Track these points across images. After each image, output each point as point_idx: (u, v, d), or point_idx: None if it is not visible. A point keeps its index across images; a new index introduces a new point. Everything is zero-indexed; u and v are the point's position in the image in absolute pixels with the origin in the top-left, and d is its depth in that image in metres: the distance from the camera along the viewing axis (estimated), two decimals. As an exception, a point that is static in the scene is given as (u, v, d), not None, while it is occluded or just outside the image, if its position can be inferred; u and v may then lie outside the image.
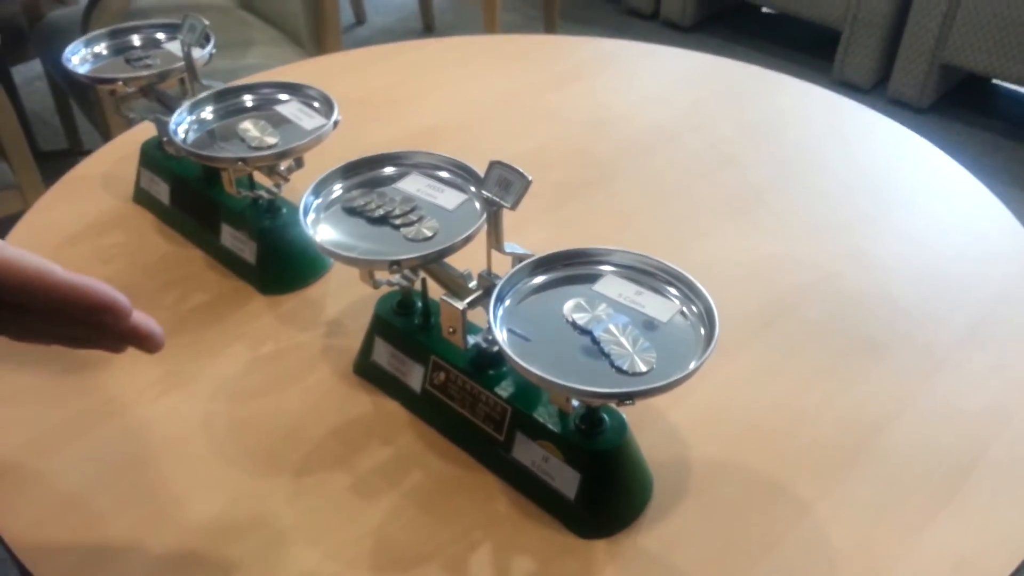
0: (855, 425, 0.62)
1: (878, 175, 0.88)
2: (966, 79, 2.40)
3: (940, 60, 2.22)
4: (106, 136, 1.60)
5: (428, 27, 2.79)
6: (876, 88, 2.41)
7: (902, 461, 0.59)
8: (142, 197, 0.83)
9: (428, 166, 0.64)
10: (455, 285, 0.57)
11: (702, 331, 0.51)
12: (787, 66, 2.55)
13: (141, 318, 0.48)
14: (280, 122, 0.71)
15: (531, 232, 0.79)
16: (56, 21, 1.75)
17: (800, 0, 2.43)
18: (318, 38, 1.64)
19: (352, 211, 0.60)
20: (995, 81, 2.42)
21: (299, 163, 0.70)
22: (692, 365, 0.47)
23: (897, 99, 2.34)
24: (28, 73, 2.33)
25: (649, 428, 0.61)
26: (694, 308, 0.52)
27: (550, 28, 2.47)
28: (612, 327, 0.51)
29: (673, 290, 0.54)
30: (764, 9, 2.77)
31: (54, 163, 1.57)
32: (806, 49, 2.63)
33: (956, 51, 2.18)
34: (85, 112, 1.82)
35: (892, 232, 0.81)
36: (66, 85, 1.84)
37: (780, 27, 2.75)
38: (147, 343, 0.49)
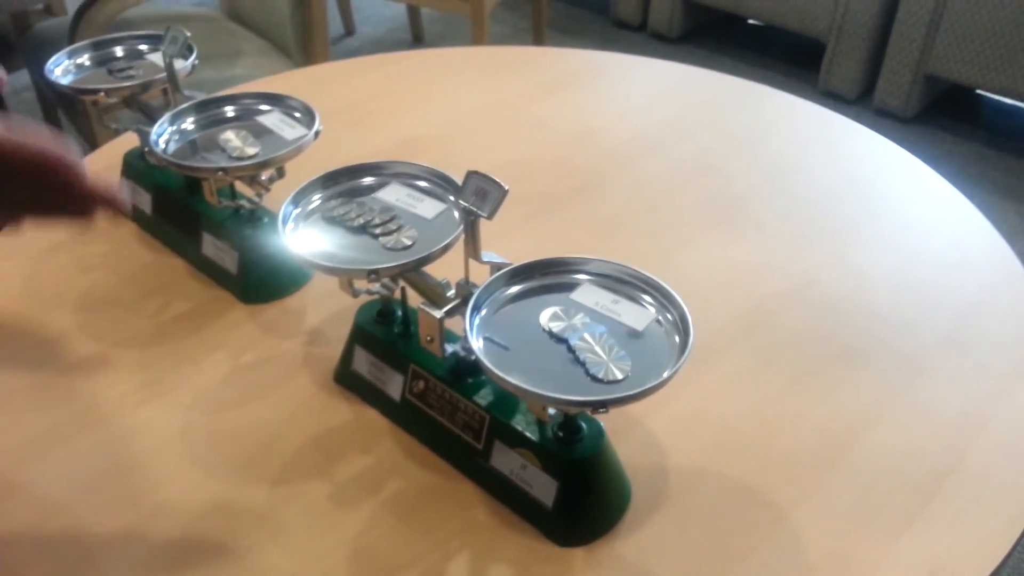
0: (832, 432, 0.62)
1: (858, 184, 0.89)
2: (951, 89, 2.42)
3: (925, 71, 2.24)
4: (93, 146, 1.59)
5: (417, 38, 2.80)
6: (861, 99, 2.43)
7: (879, 467, 0.60)
8: (125, 207, 0.83)
9: (408, 176, 0.64)
10: (433, 294, 0.57)
11: (677, 339, 0.51)
12: (773, 77, 2.57)
13: (100, 181, 0.47)
14: (261, 132, 0.71)
15: (513, 241, 0.79)
16: (44, 32, 1.75)
17: (786, 12, 2.45)
18: (306, 49, 1.65)
19: (332, 220, 0.61)
20: (979, 91, 2.45)
21: (280, 173, 0.71)
22: (666, 374, 0.48)
23: (882, 109, 2.36)
24: (16, 83, 2.33)
25: (627, 436, 0.61)
26: (669, 316, 0.53)
27: (538, 39, 2.48)
28: (587, 336, 0.51)
29: (649, 299, 0.54)
30: (750, 21, 2.80)
31: (41, 173, 1.55)
32: (792, 60, 2.65)
33: (940, 62, 2.20)
34: (72, 123, 1.81)
35: (871, 241, 0.82)
36: (53, 96, 1.84)
37: (766, 38, 2.77)
38: (112, 205, 0.48)
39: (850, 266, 0.78)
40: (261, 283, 0.73)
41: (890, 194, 0.88)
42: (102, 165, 0.90)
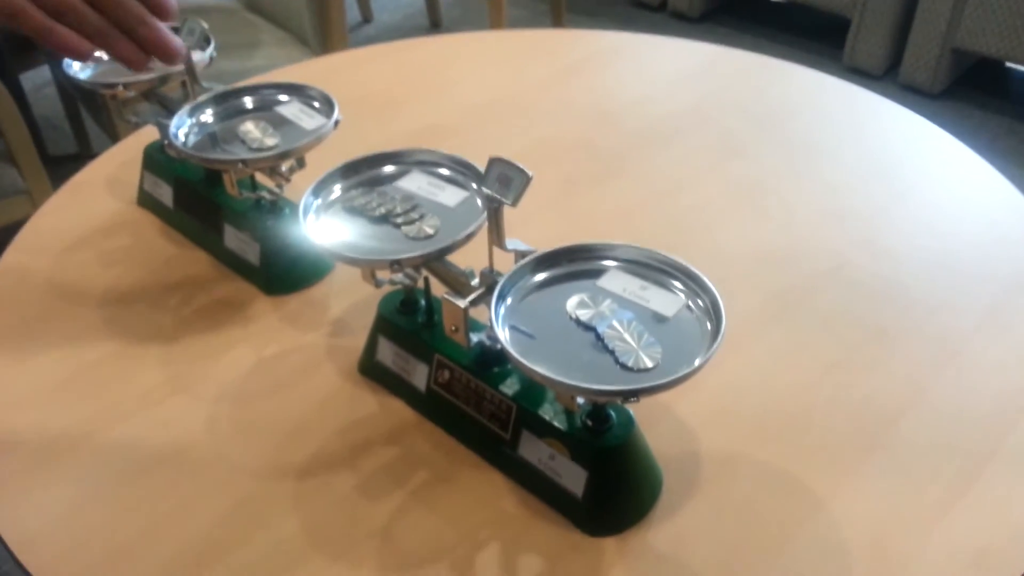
0: (868, 417, 0.61)
1: (888, 162, 0.87)
2: (979, 63, 2.37)
3: (951, 44, 2.20)
4: (114, 139, 1.60)
5: (435, 24, 2.78)
6: (888, 74, 2.39)
7: (917, 453, 0.58)
8: (146, 200, 0.83)
9: (429, 163, 0.63)
10: (457, 283, 0.56)
11: (708, 325, 0.50)
12: (797, 54, 2.53)
13: (166, 30, 0.57)
14: (281, 123, 0.70)
15: (536, 226, 0.78)
16: (63, 27, 1.76)
17: (809, -13, 2.41)
18: (324, 38, 1.64)
19: (353, 210, 0.60)
20: (1008, 64, 2.39)
21: (301, 163, 0.70)
22: (697, 361, 0.46)
23: (909, 85, 2.31)
24: (38, 79, 2.35)
25: (657, 423, 0.60)
26: (700, 302, 0.52)
27: (557, 22, 2.46)
28: (616, 323, 0.50)
29: (678, 284, 0.53)
30: (772, -3, 2.75)
31: (64, 167, 1.57)
32: (816, 36, 2.60)
33: (968, 35, 2.16)
34: (93, 116, 1.82)
35: (903, 220, 0.80)
36: (74, 91, 1.85)
37: (789, 15, 2.73)
38: (168, 53, 0.58)
39: (882, 246, 0.76)
40: (283, 274, 0.73)
41: (921, 171, 0.86)
42: (121, 159, 0.90)
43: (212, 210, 0.75)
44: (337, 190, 0.62)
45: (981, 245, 0.76)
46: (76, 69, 0.78)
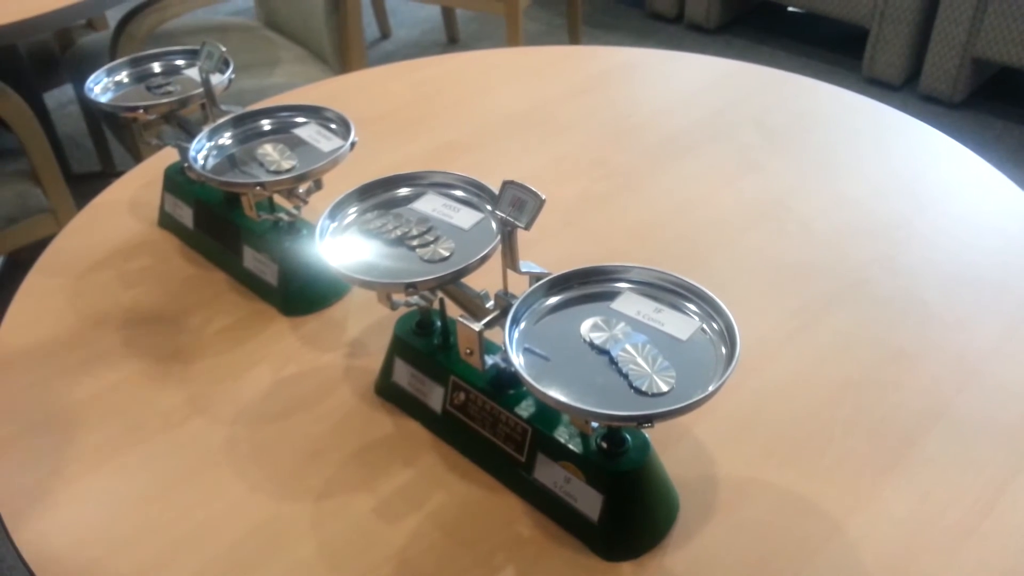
0: (886, 438, 0.60)
1: (906, 177, 0.86)
2: (999, 72, 2.35)
3: (972, 54, 2.18)
4: (137, 158, 1.62)
5: (452, 39, 2.80)
6: (908, 84, 2.37)
7: (936, 474, 0.58)
8: (167, 221, 0.84)
9: (443, 185, 0.63)
10: (472, 305, 0.57)
11: (723, 349, 0.50)
12: (816, 65, 2.52)
13: None
14: (298, 145, 0.71)
15: (551, 245, 0.78)
16: (86, 47, 1.79)
17: (826, -2, 2.40)
18: (342, 54, 1.66)
19: (369, 233, 0.60)
20: (1031, 73, 2.37)
21: (318, 185, 0.71)
22: (711, 387, 0.46)
23: (929, 95, 2.30)
24: (62, 97, 2.38)
25: (674, 445, 0.60)
26: (715, 325, 0.51)
27: (574, 35, 2.46)
28: (630, 347, 0.50)
29: (693, 306, 0.53)
30: (790, 8, 2.74)
31: (88, 185, 1.59)
32: (835, 47, 2.59)
33: (988, 44, 2.14)
34: (116, 135, 1.85)
35: (921, 236, 0.79)
36: (96, 110, 1.87)
37: (807, 26, 2.72)
38: None
39: (900, 263, 0.76)
40: (301, 294, 0.73)
41: (940, 186, 0.85)
42: (142, 180, 0.91)
43: (231, 231, 0.76)
44: (353, 212, 0.62)
45: (999, 260, 0.75)
46: (97, 92, 0.79)
